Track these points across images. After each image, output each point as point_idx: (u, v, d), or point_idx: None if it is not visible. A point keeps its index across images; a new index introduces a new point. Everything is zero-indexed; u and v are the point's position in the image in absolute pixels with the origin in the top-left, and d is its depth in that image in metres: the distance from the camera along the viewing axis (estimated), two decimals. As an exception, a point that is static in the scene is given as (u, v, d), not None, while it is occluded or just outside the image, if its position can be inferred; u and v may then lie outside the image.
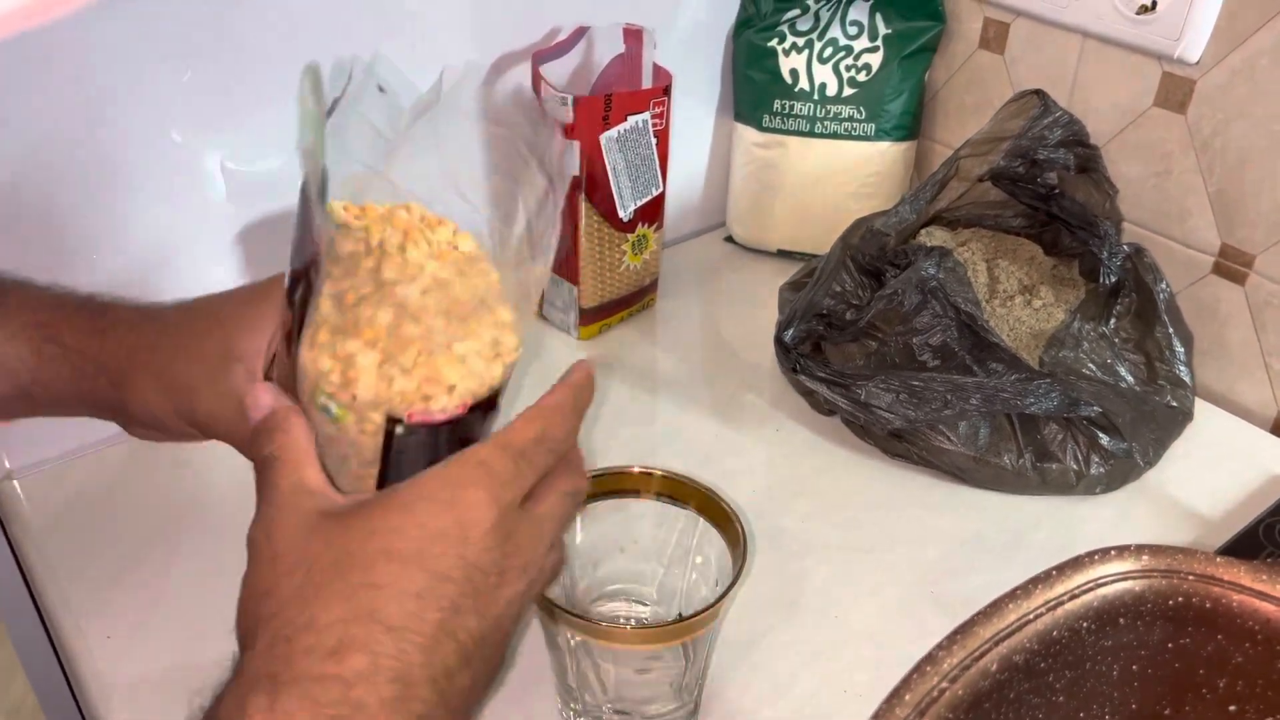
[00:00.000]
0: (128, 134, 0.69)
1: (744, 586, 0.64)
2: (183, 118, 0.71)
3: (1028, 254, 0.82)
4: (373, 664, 0.37)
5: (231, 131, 0.73)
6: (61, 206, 0.69)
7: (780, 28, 0.93)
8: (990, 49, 0.92)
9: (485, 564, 0.41)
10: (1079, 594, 0.47)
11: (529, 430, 0.43)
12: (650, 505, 0.57)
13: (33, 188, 0.67)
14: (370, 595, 0.38)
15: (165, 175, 0.72)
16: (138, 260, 0.73)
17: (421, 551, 0.39)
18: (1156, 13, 0.77)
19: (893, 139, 0.94)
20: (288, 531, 0.41)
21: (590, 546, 0.58)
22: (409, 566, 0.39)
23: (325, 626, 0.38)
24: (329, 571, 0.39)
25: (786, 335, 0.77)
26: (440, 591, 0.39)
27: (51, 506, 0.72)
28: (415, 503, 0.41)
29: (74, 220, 0.70)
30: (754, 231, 1.01)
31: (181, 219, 0.74)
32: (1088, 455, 0.71)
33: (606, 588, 0.60)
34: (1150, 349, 0.75)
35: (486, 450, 0.42)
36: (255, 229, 0.77)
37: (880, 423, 0.72)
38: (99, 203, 0.70)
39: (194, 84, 0.71)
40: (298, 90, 0.43)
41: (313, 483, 0.43)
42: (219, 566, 0.67)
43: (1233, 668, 0.48)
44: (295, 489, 0.43)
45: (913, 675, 0.44)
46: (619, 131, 0.80)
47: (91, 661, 0.61)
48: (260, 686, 0.37)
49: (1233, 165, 0.77)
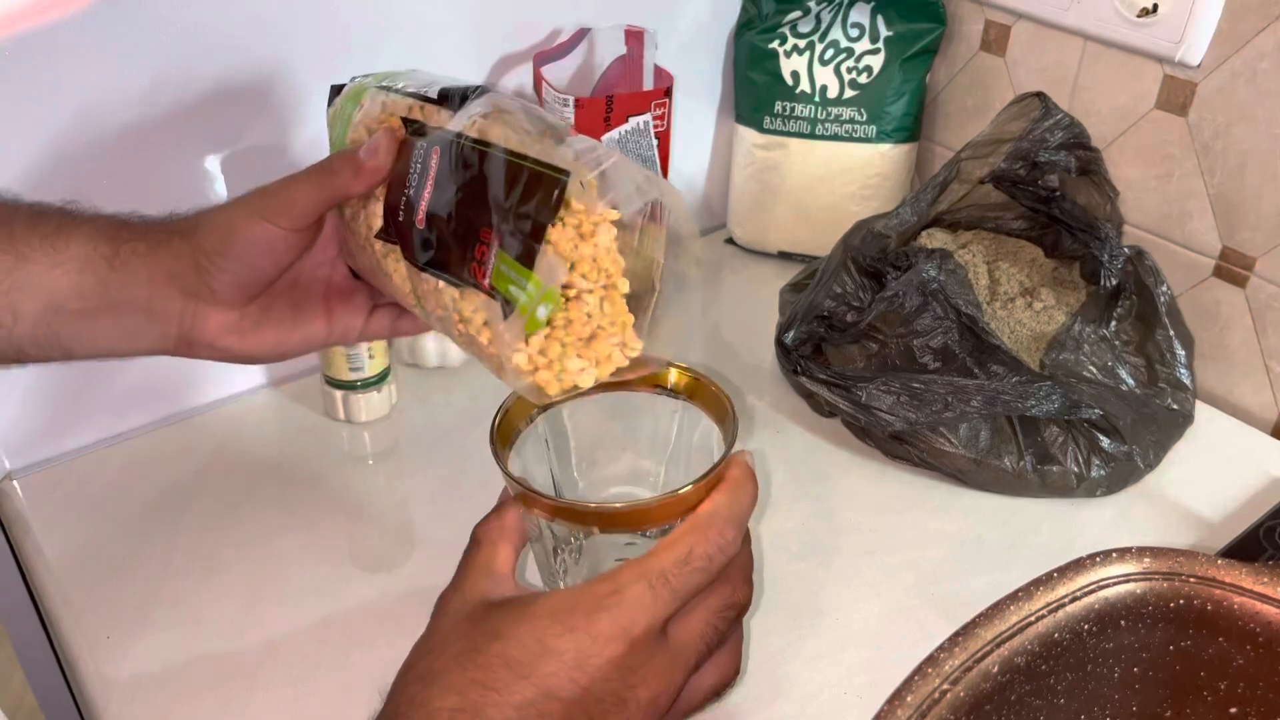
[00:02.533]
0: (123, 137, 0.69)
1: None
2: (181, 120, 0.71)
3: (1029, 256, 0.82)
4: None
5: (232, 132, 0.74)
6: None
7: (781, 29, 0.93)
8: (991, 51, 0.92)
9: (601, 692, 0.40)
10: (1080, 596, 0.47)
11: (673, 552, 0.42)
12: (644, 398, 0.53)
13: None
14: (479, 694, 0.39)
15: (165, 174, 0.72)
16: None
17: (534, 666, 0.40)
18: (1158, 16, 0.77)
19: (894, 141, 0.94)
20: (452, 607, 0.44)
21: (591, 443, 0.56)
22: (519, 677, 0.39)
23: (436, 710, 0.39)
24: (455, 660, 0.41)
25: (787, 337, 0.77)
26: (544, 709, 0.39)
27: (51, 506, 0.72)
28: (543, 617, 0.41)
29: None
30: (755, 233, 1.01)
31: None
32: (1088, 458, 0.71)
33: (610, 489, 0.58)
34: (1151, 352, 0.75)
35: (627, 574, 0.42)
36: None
37: (881, 425, 0.72)
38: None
39: (193, 85, 0.71)
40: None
41: (499, 566, 0.45)
42: (218, 566, 0.67)
43: (1234, 670, 0.48)
44: (480, 569, 0.45)
45: (914, 677, 0.44)
46: (620, 133, 0.80)
47: (90, 661, 0.61)
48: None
49: (1234, 168, 0.77)
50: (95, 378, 0.75)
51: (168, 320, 0.54)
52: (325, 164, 0.52)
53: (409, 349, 0.84)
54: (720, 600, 0.44)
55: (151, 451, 0.77)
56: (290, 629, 0.63)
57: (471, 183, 0.46)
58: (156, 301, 0.53)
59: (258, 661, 0.61)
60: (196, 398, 0.81)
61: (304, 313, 0.57)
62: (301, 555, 0.68)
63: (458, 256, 0.47)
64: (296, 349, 0.57)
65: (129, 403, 0.78)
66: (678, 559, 0.42)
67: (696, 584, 0.42)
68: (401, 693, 0.41)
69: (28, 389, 0.73)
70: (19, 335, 0.52)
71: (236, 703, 0.59)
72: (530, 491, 0.45)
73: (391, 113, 0.52)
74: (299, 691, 0.59)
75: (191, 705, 0.59)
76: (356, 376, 0.77)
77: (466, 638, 0.41)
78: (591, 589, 0.41)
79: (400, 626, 0.44)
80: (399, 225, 0.50)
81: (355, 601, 0.65)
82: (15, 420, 0.74)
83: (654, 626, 0.41)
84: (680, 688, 0.43)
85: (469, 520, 0.47)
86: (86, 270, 0.52)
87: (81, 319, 0.53)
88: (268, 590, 0.66)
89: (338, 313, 0.58)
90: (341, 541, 0.70)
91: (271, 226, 0.51)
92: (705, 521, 0.43)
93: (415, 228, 0.49)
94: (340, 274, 0.58)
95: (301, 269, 0.57)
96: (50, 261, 0.51)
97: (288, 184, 0.52)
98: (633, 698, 0.41)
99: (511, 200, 0.45)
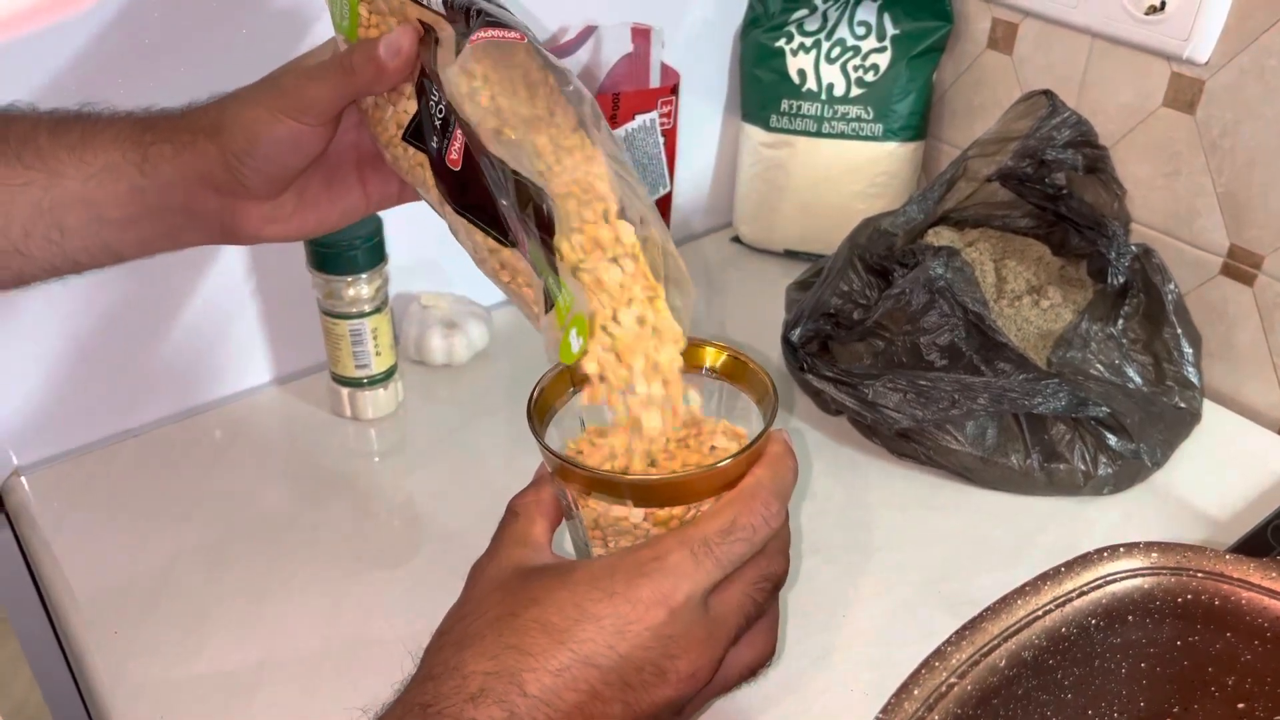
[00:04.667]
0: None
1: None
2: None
3: (1035, 254, 0.82)
4: (507, 717, 0.38)
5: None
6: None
7: (788, 28, 0.93)
8: (998, 49, 0.91)
9: (639, 660, 0.40)
10: (1088, 591, 0.47)
11: (716, 521, 0.42)
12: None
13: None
14: (515, 659, 0.39)
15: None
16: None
17: (571, 632, 0.39)
18: (1165, 13, 0.77)
19: (900, 139, 0.94)
20: (486, 574, 0.43)
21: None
22: (556, 643, 0.39)
23: (470, 674, 0.39)
24: (490, 626, 0.40)
25: (794, 335, 0.77)
26: (580, 675, 0.39)
27: (58, 503, 0.73)
28: (582, 583, 0.40)
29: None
30: (761, 231, 1.01)
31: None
32: (1095, 456, 0.71)
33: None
34: (1158, 350, 0.75)
35: (668, 542, 0.41)
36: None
37: (887, 422, 0.72)
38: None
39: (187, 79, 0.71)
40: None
41: (535, 536, 0.45)
42: (225, 562, 0.68)
43: (1242, 665, 0.48)
44: (514, 539, 0.44)
45: (921, 670, 0.44)
46: (626, 131, 0.80)
47: (97, 657, 0.61)
48: (413, 713, 0.39)
49: (1242, 166, 0.77)
50: (103, 374, 0.76)
51: (208, 217, 0.54)
52: (345, 61, 0.51)
53: (415, 347, 0.84)
54: (757, 571, 0.43)
55: (159, 447, 0.77)
56: (297, 624, 0.63)
57: (486, 159, 0.45)
58: (194, 202, 0.53)
59: (265, 657, 0.61)
60: (204, 394, 0.81)
61: (339, 187, 0.57)
62: (308, 551, 0.68)
63: (493, 217, 0.46)
64: (339, 223, 0.57)
65: (136, 399, 0.78)
66: (721, 528, 0.42)
67: (739, 554, 0.42)
68: (435, 656, 0.41)
69: (35, 385, 0.73)
70: (70, 249, 0.53)
71: (243, 699, 0.59)
72: (567, 463, 0.44)
73: (403, 3, 0.50)
74: (306, 687, 0.59)
75: (199, 701, 0.59)
76: (363, 373, 0.77)
77: (503, 604, 0.41)
78: (633, 555, 0.41)
79: (407, 623, 0.44)
80: (428, 149, 0.49)
81: (362, 598, 0.65)
82: (23, 416, 0.74)
83: (695, 595, 0.40)
84: (719, 661, 0.42)
85: (475, 516, 0.47)
86: (119, 178, 0.52)
87: (124, 225, 0.53)
88: (274, 586, 0.66)
89: (372, 181, 0.57)
90: (348, 538, 0.70)
91: (295, 124, 0.51)
92: (750, 493, 0.43)
93: (448, 167, 0.48)
94: (368, 141, 0.57)
95: (329, 150, 0.56)
96: (83, 175, 0.52)
97: (306, 83, 0.51)
98: (672, 669, 0.40)
99: (514, 200, 0.44)
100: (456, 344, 0.84)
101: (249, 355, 0.82)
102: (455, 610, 0.43)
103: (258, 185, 0.53)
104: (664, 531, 0.44)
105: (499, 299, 0.93)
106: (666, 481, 0.43)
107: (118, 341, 0.75)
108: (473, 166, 0.47)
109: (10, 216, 0.51)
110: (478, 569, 0.44)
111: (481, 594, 0.43)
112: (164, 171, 0.52)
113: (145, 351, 0.77)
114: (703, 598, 0.41)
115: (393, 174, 0.57)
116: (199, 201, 0.53)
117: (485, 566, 0.44)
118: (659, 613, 0.40)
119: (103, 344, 0.74)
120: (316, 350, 0.80)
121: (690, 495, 0.44)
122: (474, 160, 0.46)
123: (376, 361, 0.77)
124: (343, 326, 0.75)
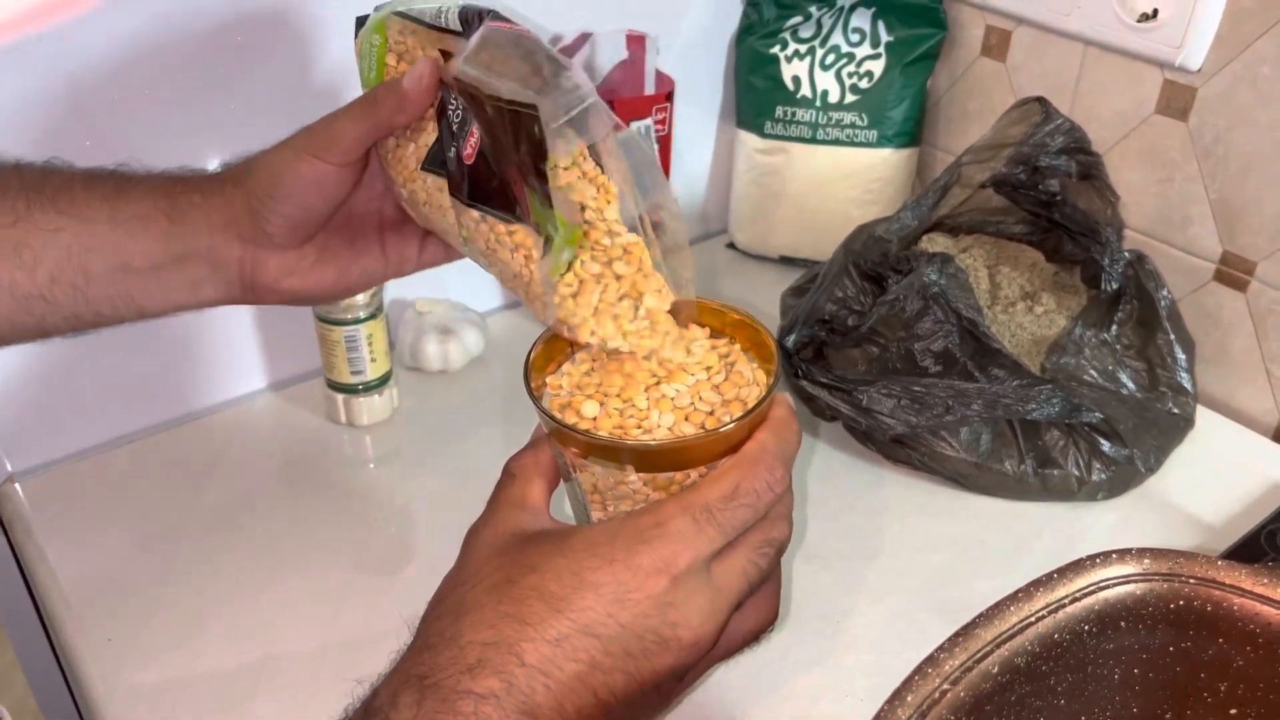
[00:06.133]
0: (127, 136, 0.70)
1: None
2: (179, 120, 0.71)
3: (1029, 261, 0.82)
4: (505, 688, 0.37)
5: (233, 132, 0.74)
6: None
7: (782, 35, 0.93)
8: (992, 56, 0.92)
9: (640, 629, 0.39)
10: (1080, 597, 0.47)
11: (718, 486, 0.41)
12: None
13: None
14: (513, 629, 0.38)
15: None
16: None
17: (570, 600, 0.39)
18: (1158, 21, 0.77)
19: (895, 146, 0.94)
20: (483, 540, 0.43)
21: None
22: (554, 611, 0.39)
23: (467, 644, 0.38)
24: (488, 594, 0.40)
25: (788, 341, 0.77)
26: (580, 644, 0.38)
27: (53, 509, 0.72)
28: (581, 550, 0.40)
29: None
30: (756, 238, 1.01)
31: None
32: (1089, 461, 0.71)
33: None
34: (1152, 356, 0.75)
35: (669, 508, 0.40)
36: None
37: (882, 428, 0.72)
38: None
39: (189, 82, 0.71)
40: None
41: (533, 499, 0.44)
42: (219, 570, 0.68)
43: (1234, 671, 0.48)
44: (511, 502, 0.44)
45: (914, 677, 0.44)
46: (622, 137, 0.80)
47: (92, 664, 0.61)
48: (410, 684, 0.38)
49: (1234, 172, 0.78)
50: (97, 380, 0.75)
51: (229, 268, 0.54)
52: (369, 95, 0.52)
53: (411, 353, 0.84)
54: (761, 536, 0.43)
55: (154, 454, 0.77)
56: (292, 632, 0.63)
57: (489, 126, 0.46)
58: (217, 250, 0.54)
59: (260, 665, 0.61)
60: (198, 401, 0.81)
61: (360, 248, 0.57)
62: (303, 558, 0.68)
63: (503, 198, 0.47)
64: (357, 284, 0.58)
65: (131, 406, 0.78)
66: (724, 494, 0.41)
67: (742, 520, 0.41)
68: (431, 626, 0.40)
69: (30, 392, 0.73)
70: (94, 296, 0.53)
71: (238, 707, 0.59)
72: (564, 426, 0.43)
73: (424, 42, 0.52)
74: (301, 695, 0.59)
75: (194, 709, 0.59)
76: (358, 380, 0.77)
77: (500, 570, 0.40)
78: (633, 521, 0.40)
79: (402, 629, 0.44)
80: (446, 160, 0.50)
81: (357, 604, 0.65)
82: (17, 423, 0.74)
83: (697, 562, 0.40)
84: (722, 628, 0.42)
85: (471, 522, 0.47)
86: (149, 226, 0.53)
87: (149, 275, 0.53)
88: (269, 593, 0.66)
89: (392, 244, 0.58)
90: (343, 545, 0.70)
91: (319, 163, 0.51)
92: (753, 458, 0.42)
93: (464, 165, 0.49)
94: (391, 206, 0.58)
95: (353, 205, 0.57)
96: (113, 222, 0.52)
97: (332, 119, 0.52)
98: (674, 637, 0.40)
99: (511, 142, 0.45)
100: (452, 350, 0.84)
101: (244, 361, 0.82)
102: (451, 577, 0.42)
103: (280, 230, 0.53)
104: (665, 495, 0.43)
105: (494, 305, 0.93)
106: (668, 446, 0.42)
107: (112, 347, 0.75)
108: (483, 156, 0.48)
109: (40, 260, 0.51)
110: (473, 533, 0.44)
111: (479, 560, 0.42)
112: (191, 218, 0.53)
113: (140, 357, 0.77)
114: (705, 565, 0.40)
115: (412, 238, 0.58)
116: (222, 249, 0.54)
117: (481, 531, 0.43)
118: (660, 580, 0.39)
119: (97, 350, 0.74)
120: (311, 356, 0.80)
121: (692, 460, 0.43)
122: (484, 147, 0.48)
123: (372, 368, 0.77)
124: (338, 332, 0.75)
